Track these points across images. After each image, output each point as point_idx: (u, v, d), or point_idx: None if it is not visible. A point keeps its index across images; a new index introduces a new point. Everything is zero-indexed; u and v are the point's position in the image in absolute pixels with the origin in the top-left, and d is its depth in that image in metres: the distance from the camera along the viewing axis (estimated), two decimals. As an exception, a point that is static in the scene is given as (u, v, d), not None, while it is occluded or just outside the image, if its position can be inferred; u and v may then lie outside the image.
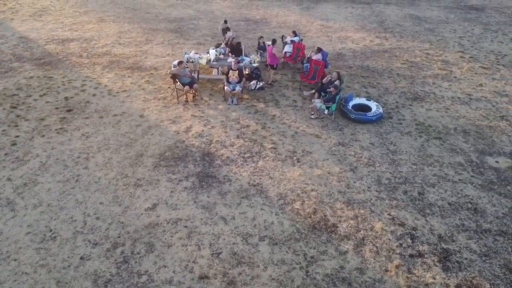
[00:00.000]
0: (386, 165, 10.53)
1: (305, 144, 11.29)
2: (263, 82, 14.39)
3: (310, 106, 13.05)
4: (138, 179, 9.75)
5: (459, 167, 10.51)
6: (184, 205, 9.00)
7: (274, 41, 14.34)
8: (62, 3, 24.35)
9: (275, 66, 14.43)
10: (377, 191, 9.58)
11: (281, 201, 9.20)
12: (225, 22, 18.20)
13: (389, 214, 8.89)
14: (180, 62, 13.20)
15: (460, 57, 17.82)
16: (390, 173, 10.22)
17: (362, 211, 8.95)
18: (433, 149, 11.25)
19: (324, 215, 8.82)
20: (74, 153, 10.63)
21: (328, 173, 10.14)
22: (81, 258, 7.69)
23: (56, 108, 12.70)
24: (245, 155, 10.77)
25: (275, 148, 11.08)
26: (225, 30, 17.50)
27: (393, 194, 9.49)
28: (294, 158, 10.72)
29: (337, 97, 12.41)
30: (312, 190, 9.56)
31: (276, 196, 9.36)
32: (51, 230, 8.26)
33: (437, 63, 17.06)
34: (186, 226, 8.45)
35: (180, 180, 9.78)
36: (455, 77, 15.73)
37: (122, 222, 8.50)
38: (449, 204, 9.24)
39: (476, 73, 16.11)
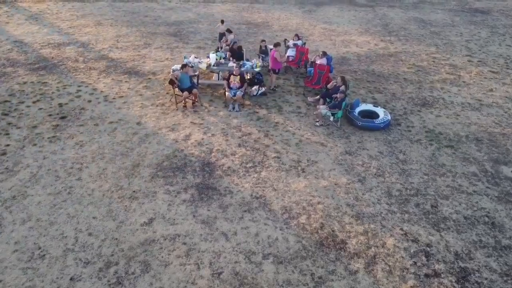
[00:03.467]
0: (396, 175, 9.97)
1: (310, 153, 10.74)
2: (265, 88, 13.85)
3: (314, 113, 12.51)
4: (134, 191, 9.20)
5: (473, 178, 9.96)
6: (183, 220, 8.44)
7: (276, 45, 13.79)
8: (59, 6, 23.84)
9: (277, 71, 13.88)
10: (387, 203, 9.02)
11: (286, 215, 8.64)
12: (222, 22, 17.66)
13: (401, 229, 8.33)
14: (184, 66, 12.69)
15: (468, 61, 17.29)
16: (401, 184, 9.66)
17: (372, 226, 8.39)
18: (445, 158, 10.70)
19: (332, 231, 8.26)
20: (67, 163, 10.07)
21: (335, 184, 9.58)
22: (71, 279, 7.12)
23: (50, 115, 12.16)
24: (247, 165, 10.22)
25: (278, 158, 10.53)
26: (223, 34, 17.00)
27: (405, 207, 8.93)
28: (299, 168, 10.16)
29: (343, 103, 11.86)
30: (319, 202, 9.00)
31: (280, 209, 8.80)
32: (39, 248, 7.69)
33: (444, 67, 16.53)
34: (184, 243, 7.89)
35: (179, 192, 9.22)
36: (464, 82, 15.19)
37: (116, 239, 7.94)
38: (465, 217, 8.68)
39: (485, 78, 15.57)
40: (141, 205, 8.79)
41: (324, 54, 14.42)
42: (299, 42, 16.08)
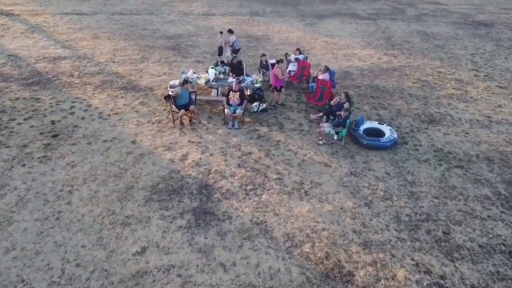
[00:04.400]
0: (405, 198, 9.42)
1: (313, 174, 10.20)
2: (266, 104, 13.35)
3: (317, 131, 12.00)
4: (126, 217, 8.64)
5: (487, 201, 9.40)
6: (178, 249, 7.87)
7: (278, 61, 13.31)
8: (56, 19, 23.46)
9: (278, 88, 13.37)
10: (396, 230, 8.46)
11: (288, 243, 8.08)
12: (221, 33, 17.28)
13: (412, 259, 7.75)
14: (185, 82, 12.22)
15: (474, 75, 16.82)
16: (410, 208, 9.11)
17: (381, 255, 7.82)
18: (455, 179, 10.15)
19: (338, 261, 7.69)
20: (57, 185, 9.53)
21: (341, 209, 9.02)
22: (56, 317, 6.55)
23: (41, 133, 11.64)
24: (247, 187, 9.67)
25: (280, 179, 9.99)
26: (221, 48, 16.64)
27: (415, 234, 8.36)
28: (302, 190, 9.61)
29: (347, 121, 11.35)
30: (323, 229, 8.44)
31: (282, 236, 8.24)
32: (23, 281, 7.12)
33: (450, 82, 16.05)
34: (179, 275, 7.31)
35: (174, 217, 8.66)
36: (471, 97, 14.70)
37: (106, 270, 7.37)
38: (480, 246, 8.11)
39: (493, 93, 15.08)
40: (134, 232, 8.22)
41: (327, 69, 13.95)
42: (301, 57, 15.62)
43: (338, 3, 31.02)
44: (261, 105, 13.16)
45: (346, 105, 11.79)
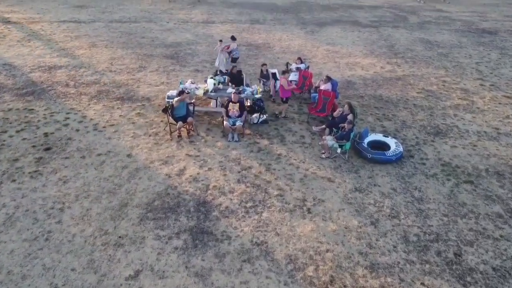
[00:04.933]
0: (413, 216, 8.96)
1: (316, 190, 9.75)
2: (267, 115, 12.92)
3: (320, 143, 11.58)
4: (119, 237, 8.19)
5: (499, 220, 8.94)
6: (174, 272, 7.41)
7: (284, 72, 12.89)
8: (53, 27, 23.09)
9: (285, 99, 12.92)
10: (405, 251, 8.00)
11: (291, 266, 7.62)
12: (221, 41, 16.90)
13: (422, 284, 7.30)
14: (181, 92, 11.81)
15: (480, 85, 16.41)
16: (418, 227, 8.65)
17: (389, 280, 7.35)
18: (465, 196, 9.70)
19: (344, 285, 7.23)
20: (48, 203, 9.08)
21: (345, 228, 8.57)
22: None
23: (33, 146, 11.21)
24: (247, 205, 9.22)
25: (281, 196, 9.54)
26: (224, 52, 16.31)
27: (425, 256, 7.90)
28: (304, 208, 9.16)
29: (351, 134, 10.91)
30: (327, 250, 7.99)
31: (284, 258, 7.78)
32: (7, 309, 6.66)
33: (456, 92, 15.63)
34: (174, 302, 6.85)
35: (170, 237, 8.21)
36: (477, 108, 14.27)
37: (97, 297, 6.91)
38: (494, 269, 7.65)
39: (500, 103, 14.66)
40: (127, 254, 7.77)
41: (329, 79, 13.54)
42: (302, 66, 15.23)
43: (339, 10, 30.70)
44: (261, 116, 12.74)
45: (350, 116, 11.36)
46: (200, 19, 26.40)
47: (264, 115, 12.80)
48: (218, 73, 15.36)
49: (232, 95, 12.04)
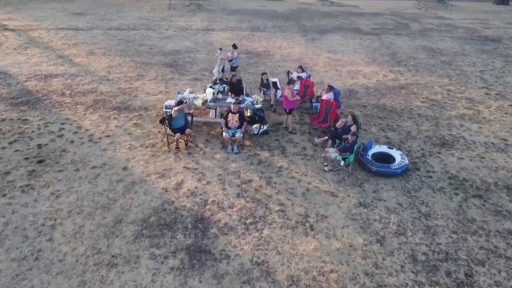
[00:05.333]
0: (420, 233, 8.57)
1: (319, 205, 9.36)
2: (267, 126, 12.55)
3: (322, 155, 11.22)
4: (113, 256, 7.79)
5: (510, 237, 8.55)
6: (169, 295, 7.01)
7: (289, 82, 12.42)
8: (51, 35, 22.76)
9: (288, 111, 12.51)
10: (413, 272, 7.60)
11: (293, 288, 7.22)
12: (221, 49, 16.60)
13: (432, 308, 6.89)
14: (180, 102, 11.44)
15: (485, 93, 16.04)
16: (427, 245, 8.25)
17: (397, 303, 6.95)
18: (474, 211, 9.31)
19: (349, 310, 6.82)
20: (39, 219, 8.69)
21: (350, 246, 8.17)
22: None
23: (26, 158, 10.83)
24: (247, 221, 8.83)
25: (283, 211, 9.15)
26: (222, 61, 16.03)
27: (434, 277, 7.50)
28: (307, 224, 8.77)
29: (355, 146, 10.53)
30: (332, 270, 7.59)
31: (286, 279, 7.39)
32: (-9, 336, 6.25)
33: (461, 101, 15.26)
34: (170, 328, 6.45)
35: (166, 257, 7.82)
36: (483, 117, 13.90)
37: (87, 322, 6.51)
38: (507, 291, 7.25)
39: (506, 113, 14.29)
40: (121, 275, 7.37)
41: (331, 88, 13.18)
42: (303, 75, 14.88)
43: (340, 17, 30.41)
44: (262, 127, 12.37)
45: (353, 128, 11.00)
46: (199, 27, 26.11)
47: (265, 126, 12.43)
48: (217, 81, 15.03)
49: (232, 105, 11.67)
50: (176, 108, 11.21)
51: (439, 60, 20.20)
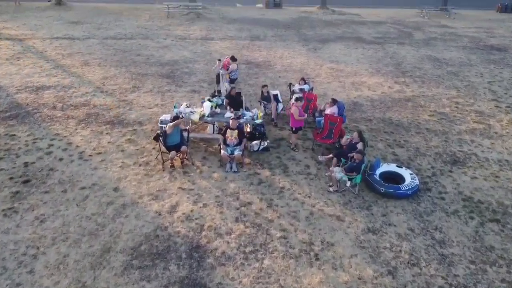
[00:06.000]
0: (435, 264, 7.86)
1: (324, 231, 8.66)
2: (268, 142, 11.86)
3: (326, 174, 10.55)
4: (99, 291, 7.08)
5: (534, 268, 7.84)
6: (160, 338, 6.29)
7: (297, 99, 11.58)
8: (45, 44, 22.15)
9: (294, 130, 11.74)
10: (429, 309, 6.88)
11: (297, 329, 6.50)
12: (219, 60, 15.94)
13: None
14: (175, 118, 10.77)
15: (495, 106, 15.39)
16: (443, 277, 7.55)
17: None
18: (492, 238, 8.61)
19: None
20: (20, 247, 7.99)
21: (359, 279, 7.46)
22: None
23: (11, 178, 10.14)
24: (247, 249, 8.13)
25: (285, 238, 8.44)
26: (219, 76, 15.32)
27: (453, 315, 6.78)
28: (311, 253, 8.06)
29: (362, 165, 9.84)
30: (339, 308, 6.86)
31: (289, 318, 6.67)
32: None
33: (470, 114, 14.60)
34: None
35: (157, 292, 7.10)
36: (495, 132, 13.22)
37: None
38: (535, 332, 6.52)
39: (519, 128, 13.62)
40: (106, 314, 6.65)
41: (334, 101, 12.53)
42: (306, 87, 14.23)
43: (341, 26, 29.86)
44: (262, 143, 11.69)
45: (360, 146, 10.33)
46: (198, 36, 25.53)
47: (265, 142, 11.75)
48: (216, 93, 14.40)
49: (230, 121, 10.99)
50: (171, 124, 10.55)
51: (445, 71, 19.57)
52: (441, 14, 35.78)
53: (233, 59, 15.70)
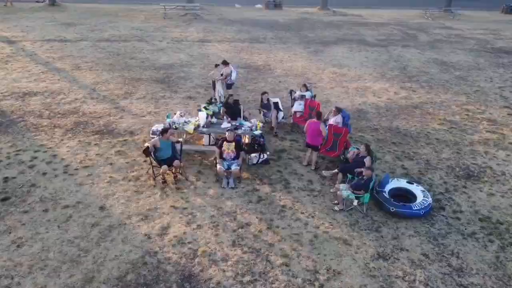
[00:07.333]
0: (454, 297, 7.04)
1: (330, 257, 7.85)
2: (268, 153, 11.05)
3: (331, 190, 9.73)
4: (77, 332, 6.25)
5: None
6: None
7: (319, 115, 10.82)
8: (36, 47, 21.29)
9: (312, 146, 10.74)
10: None
11: None
12: (217, 66, 15.09)
13: None
14: (165, 131, 9.91)
15: (508, 114, 14.59)
16: (464, 314, 6.73)
17: None
18: (515, 264, 7.80)
19: None
20: (-8, 277, 7.16)
21: (370, 316, 6.64)
22: None
23: (-12, 195, 9.32)
24: (244, 279, 7.31)
25: (287, 266, 7.63)
26: (214, 83, 14.47)
27: None
28: (316, 284, 7.25)
29: (370, 183, 9.02)
30: None
31: None
32: None
33: (482, 123, 13.79)
34: None
35: (143, 332, 6.28)
36: (510, 143, 12.42)
37: None
38: None
39: (534, 137, 12.81)
40: None
41: (339, 110, 11.71)
42: (308, 94, 13.39)
43: (343, 28, 29.05)
44: (262, 155, 10.87)
45: (367, 160, 9.51)
46: (195, 38, 24.70)
47: (265, 154, 10.93)
48: (213, 99, 13.57)
49: (227, 133, 10.16)
50: (156, 139, 9.74)
51: (453, 75, 18.77)
52: (445, 15, 34.97)
53: (225, 63, 14.80)
